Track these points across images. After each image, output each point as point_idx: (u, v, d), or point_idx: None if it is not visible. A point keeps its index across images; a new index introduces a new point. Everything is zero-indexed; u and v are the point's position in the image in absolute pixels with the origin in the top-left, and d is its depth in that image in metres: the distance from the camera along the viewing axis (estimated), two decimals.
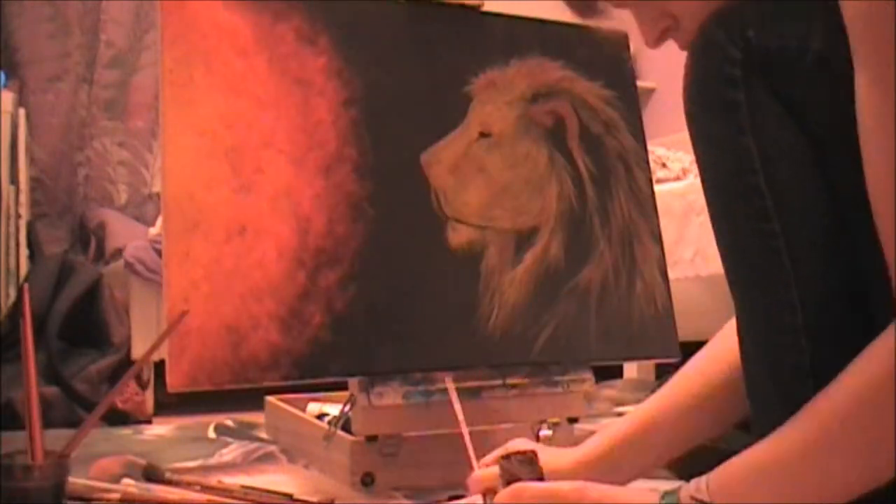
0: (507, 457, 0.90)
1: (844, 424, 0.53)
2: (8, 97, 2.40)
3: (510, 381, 1.38)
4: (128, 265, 2.30)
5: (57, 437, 0.88)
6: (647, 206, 1.51)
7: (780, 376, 0.64)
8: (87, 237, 2.75)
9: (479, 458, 1.37)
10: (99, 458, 1.39)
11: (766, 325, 0.66)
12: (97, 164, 2.90)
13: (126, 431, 1.91)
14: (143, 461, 1.36)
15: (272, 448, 1.64)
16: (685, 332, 1.54)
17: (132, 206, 2.90)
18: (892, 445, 0.51)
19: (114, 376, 2.10)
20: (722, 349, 0.90)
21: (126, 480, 1.25)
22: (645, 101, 3.40)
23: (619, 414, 1.94)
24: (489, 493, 0.92)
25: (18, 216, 2.41)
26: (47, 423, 0.90)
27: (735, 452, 0.64)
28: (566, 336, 1.41)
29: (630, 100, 1.55)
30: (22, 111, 2.53)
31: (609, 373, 2.20)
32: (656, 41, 0.80)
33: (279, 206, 1.24)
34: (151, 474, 1.29)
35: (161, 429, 1.94)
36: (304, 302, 1.23)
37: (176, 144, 1.20)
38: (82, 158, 2.88)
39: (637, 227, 1.49)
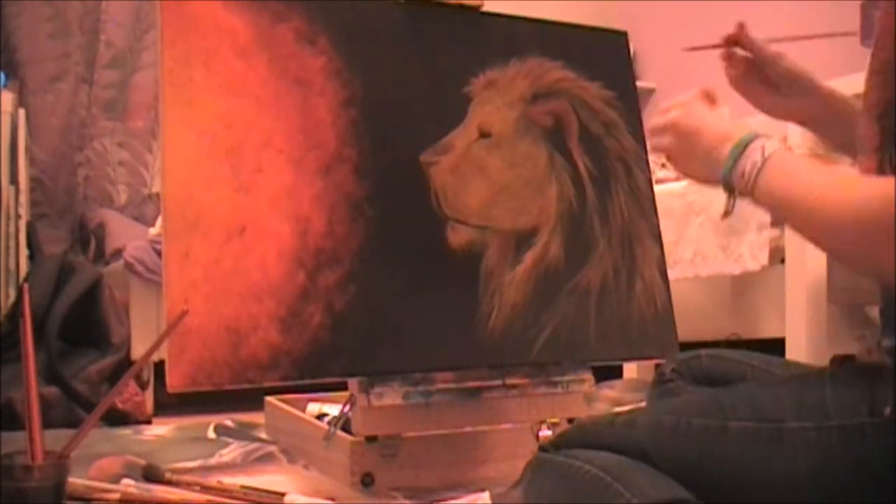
0: None
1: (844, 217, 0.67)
2: (8, 97, 2.40)
3: (510, 381, 1.38)
4: (127, 265, 2.30)
5: (57, 437, 0.88)
6: (646, 206, 1.51)
7: None
8: (87, 237, 2.75)
9: (476, 461, 1.38)
10: (99, 459, 1.39)
11: None
12: (97, 165, 2.90)
13: (126, 431, 1.91)
14: (142, 461, 1.37)
15: (272, 448, 1.64)
16: (685, 332, 1.54)
17: (132, 206, 2.90)
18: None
19: (114, 376, 2.10)
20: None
21: (126, 480, 1.25)
22: (645, 101, 3.40)
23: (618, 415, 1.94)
24: None
25: (18, 216, 2.41)
26: (47, 423, 0.90)
27: None
28: (566, 336, 1.41)
29: (630, 100, 1.55)
30: (22, 111, 2.53)
31: (609, 373, 2.20)
32: None
33: (279, 206, 1.24)
34: (151, 474, 1.29)
35: (161, 429, 1.94)
36: (303, 302, 1.23)
37: (176, 144, 1.20)
38: (82, 159, 2.88)
39: (637, 228, 1.49)
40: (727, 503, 0.72)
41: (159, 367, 1.29)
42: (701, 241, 2.04)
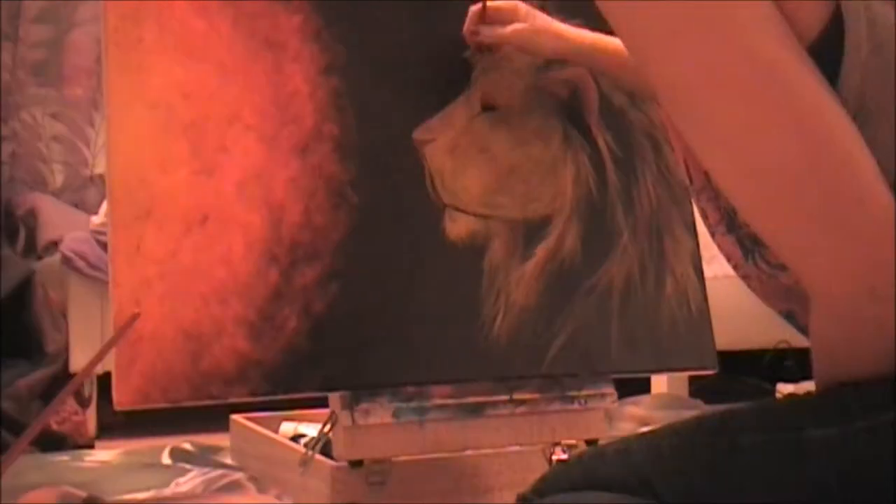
0: None
1: None
2: None
3: (518, 395, 1.40)
4: (65, 260, 2.31)
5: None
6: (678, 190, 1.52)
7: None
8: (15, 226, 2.75)
9: (478, 490, 1.39)
10: (30, 490, 1.40)
11: None
12: (26, 140, 2.91)
13: (62, 458, 1.92)
14: (82, 493, 1.38)
15: (238, 475, 1.66)
16: (723, 340, 1.55)
17: (70, 190, 2.91)
18: None
19: (48, 392, 2.11)
20: None
21: None
22: None
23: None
24: None
25: None
26: None
27: None
28: (583, 344, 1.42)
29: None
30: None
31: (634, 387, 2.22)
32: None
33: (247, 192, 1.25)
34: None
35: (105, 454, 1.96)
36: (276, 304, 1.25)
37: (123, 118, 1.21)
38: (7, 132, 2.88)
39: (667, 216, 1.51)
40: None
41: (104, 381, 1.31)
42: None
